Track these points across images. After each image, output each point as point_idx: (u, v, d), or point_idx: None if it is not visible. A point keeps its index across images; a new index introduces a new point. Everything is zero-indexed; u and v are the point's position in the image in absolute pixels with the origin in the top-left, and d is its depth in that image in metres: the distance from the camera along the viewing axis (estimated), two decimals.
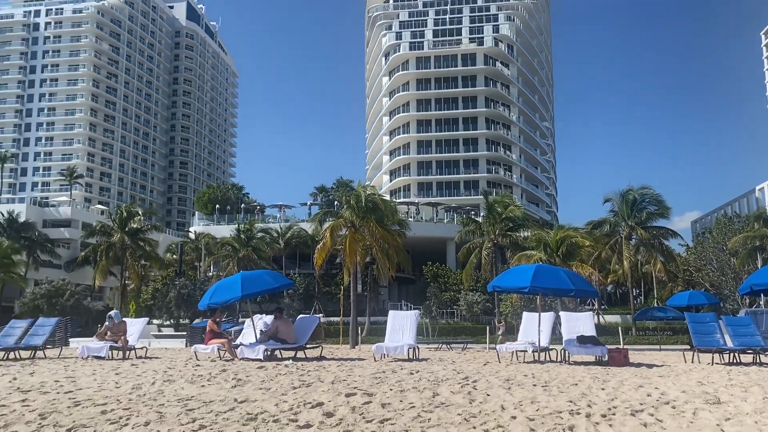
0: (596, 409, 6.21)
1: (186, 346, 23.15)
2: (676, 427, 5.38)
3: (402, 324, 13.86)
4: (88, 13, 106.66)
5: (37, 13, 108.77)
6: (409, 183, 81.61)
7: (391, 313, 14.94)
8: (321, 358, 13.73)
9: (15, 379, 9.13)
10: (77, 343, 19.32)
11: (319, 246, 27.31)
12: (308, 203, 67.15)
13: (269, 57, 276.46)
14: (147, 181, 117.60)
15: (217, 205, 66.42)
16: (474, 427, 5.29)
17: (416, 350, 13.93)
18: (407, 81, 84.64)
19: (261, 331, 13.34)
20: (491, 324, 31.81)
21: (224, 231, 53.84)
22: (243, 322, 21.13)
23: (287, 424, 5.38)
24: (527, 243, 41.60)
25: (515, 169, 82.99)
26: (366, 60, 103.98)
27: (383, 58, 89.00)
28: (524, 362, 13.11)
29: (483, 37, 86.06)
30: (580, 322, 14.04)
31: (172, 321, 44.04)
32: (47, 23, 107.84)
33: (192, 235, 58.50)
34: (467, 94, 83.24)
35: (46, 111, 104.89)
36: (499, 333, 26.01)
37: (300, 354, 13.63)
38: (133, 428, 5.23)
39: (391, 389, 7.64)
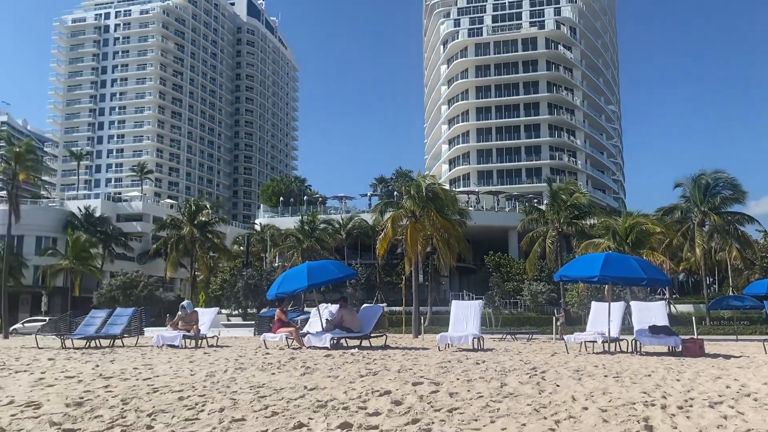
0: (672, 400, 6.01)
1: (254, 334, 23.76)
2: (760, 420, 5.14)
3: (465, 314, 13.78)
4: (154, 13, 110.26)
5: (107, 16, 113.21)
6: (469, 172, 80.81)
7: (454, 302, 14.88)
8: (385, 347, 13.82)
9: (97, 366, 9.61)
10: (151, 332, 20.19)
11: (380, 236, 27.45)
12: (368, 194, 67.54)
13: (328, 50, 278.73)
14: (213, 175, 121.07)
15: (281, 198, 67.70)
16: (545, 418, 5.22)
17: (481, 340, 13.83)
18: (466, 68, 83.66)
19: (327, 320, 13.55)
20: (563, 315, 31.23)
21: (288, 223, 54.84)
22: (308, 311, 21.52)
23: (356, 412, 5.45)
24: (594, 231, 40.54)
25: (579, 154, 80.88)
26: (424, 49, 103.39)
27: (441, 46, 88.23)
28: (593, 353, 12.82)
29: (544, 21, 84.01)
30: (651, 312, 13.61)
31: (240, 310, 45.27)
32: (116, 25, 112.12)
33: (257, 227, 59.89)
34: (528, 79, 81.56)
35: (117, 110, 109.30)
36: (558, 324, 25.58)
37: (365, 343, 13.77)
38: (209, 414, 5.41)
39: (457, 379, 7.62)
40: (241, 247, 55.97)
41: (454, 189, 64.17)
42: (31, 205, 60.43)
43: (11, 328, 41.07)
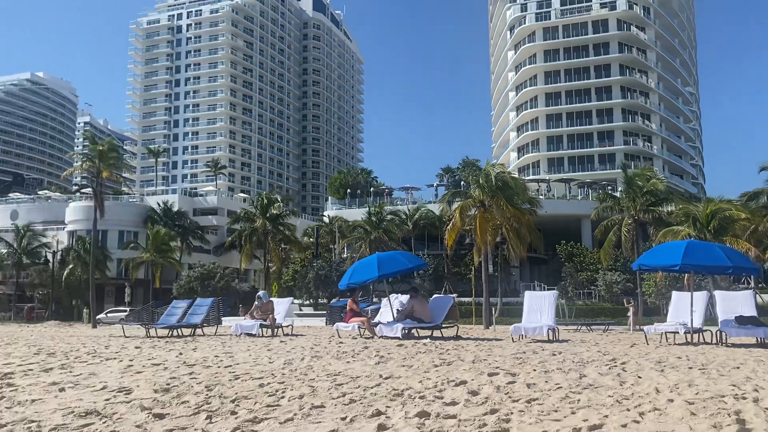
0: (764, 393, 5.71)
1: (326, 324, 24.17)
2: None
3: (540, 304, 13.55)
4: (223, 12, 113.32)
5: (179, 17, 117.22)
6: (539, 159, 79.14)
7: (527, 293, 14.66)
8: (457, 337, 13.77)
9: (181, 354, 10.02)
10: (228, 322, 20.87)
11: (448, 227, 27.29)
12: (435, 184, 67.29)
13: (392, 40, 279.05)
14: (283, 169, 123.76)
15: (348, 190, 68.45)
16: (628, 410, 5.06)
17: (555, 331, 13.57)
18: (534, 53, 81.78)
19: (397, 310, 13.62)
20: (634, 305, 30.25)
21: (355, 214, 55.37)
22: (378, 302, 21.73)
23: (433, 401, 5.45)
24: (672, 218, 38.90)
25: (655, 139, 77.76)
26: (490, 36, 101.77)
27: (508, 32, 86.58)
28: (675, 344, 12.35)
29: (615, 1, 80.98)
30: (738, 302, 12.97)
31: (311, 300, 46.18)
32: (188, 25, 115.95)
33: (326, 219, 60.81)
34: (599, 62, 78.91)
35: (191, 108, 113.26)
36: (629, 314, 24.81)
37: (436, 333, 13.76)
38: (289, 401, 5.54)
39: (534, 370, 7.51)
40: (311, 239, 57.01)
41: (523, 177, 63.08)
42: (114, 201, 63.53)
43: (88, 318, 43.38)
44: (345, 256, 51.11)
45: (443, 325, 13.67)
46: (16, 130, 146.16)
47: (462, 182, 53.03)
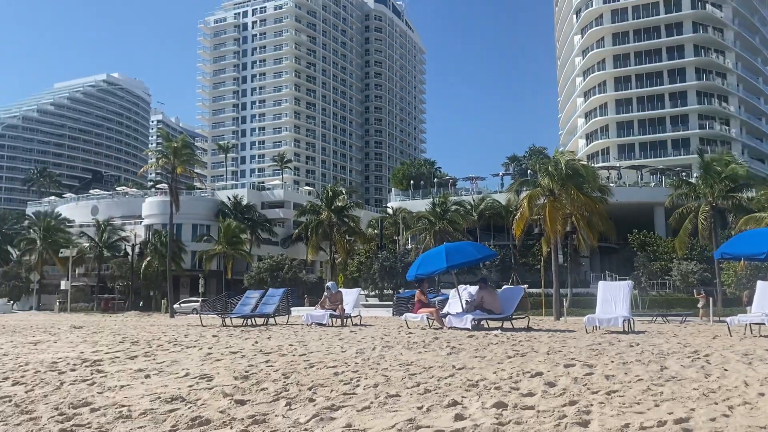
0: None
1: (393, 314, 24.29)
2: None
3: (614, 295, 13.16)
4: (287, 8, 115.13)
5: (245, 14, 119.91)
6: (608, 146, 76.73)
7: (601, 283, 14.27)
8: (528, 328, 13.58)
9: (256, 342, 10.30)
10: (296, 312, 21.31)
11: (516, 216, 26.85)
12: (500, 174, 66.43)
13: (454, 29, 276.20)
14: (346, 162, 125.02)
15: (412, 181, 68.45)
16: (715, 403, 4.86)
17: (631, 322, 13.17)
18: (602, 37, 79.15)
19: (466, 301, 13.53)
20: (713, 295, 29.00)
21: (419, 205, 55.34)
22: (444, 293, 21.64)
23: (509, 392, 5.39)
24: (754, 204, 37.00)
25: (733, 122, 73.96)
26: (555, 21, 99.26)
27: (574, 16, 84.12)
28: (761, 336, 11.76)
29: None
30: None
31: (376, 291, 46.54)
32: (253, 22, 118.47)
33: (390, 211, 61.05)
34: (672, 43, 75.58)
35: (257, 103, 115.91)
36: (700, 306, 23.78)
37: (506, 324, 13.61)
38: (364, 389, 5.60)
39: (612, 361, 7.31)
40: (375, 231, 57.43)
41: (592, 164, 61.39)
42: (187, 195, 65.81)
43: (166, 308, 45.15)
44: (409, 247, 51.20)
45: (514, 317, 13.49)
46: (95, 130, 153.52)
47: (529, 171, 52.11)
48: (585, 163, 39.02)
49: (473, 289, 14.13)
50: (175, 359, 8.13)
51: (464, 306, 13.47)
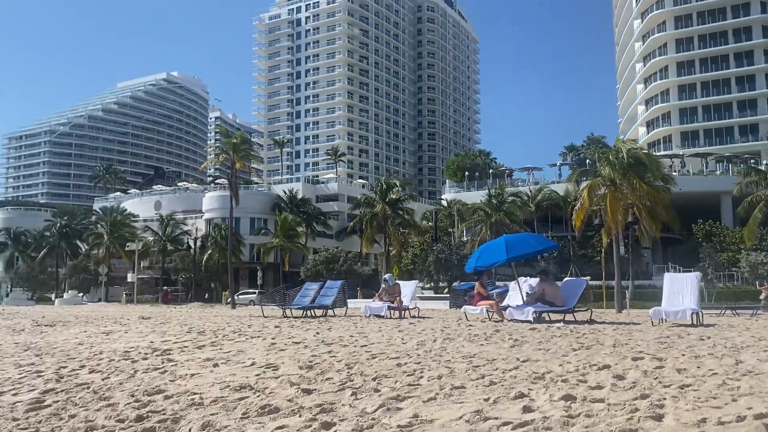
0: None
1: (450, 307, 24.21)
2: None
3: (681, 287, 12.71)
4: (340, 2, 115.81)
5: (299, 10, 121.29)
6: (670, 133, 74.15)
7: (667, 275, 13.82)
8: (591, 321, 13.28)
9: (318, 333, 10.44)
10: (352, 304, 21.48)
11: (576, 207, 26.25)
12: (557, 164, 65.29)
13: (507, 17, 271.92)
14: (399, 154, 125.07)
15: (466, 172, 67.94)
16: None
17: (700, 315, 12.71)
18: (663, 20, 76.40)
19: (527, 293, 13.35)
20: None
21: (474, 197, 54.88)
22: (500, 285, 21.39)
23: (577, 385, 5.29)
24: None
25: None
26: (613, 5, 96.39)
27: (633, 0, 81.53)
28: None
29: None
30: None
31: (431, 284, 46.48)
32: (307, 17, 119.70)
33: (444, 203, 60.76)
34: (738, 25, 72.28)
35: (311, 98, 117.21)
36: (762, 297, 22.75)
37: (568, 317, 13.36)
38: (428, 380, 5.60)
39: (683, 354, 7.08)
40: (430, 223, 57.31)
41: (654, 153, 59.56)
42: (245, 190, 67.22)
43: (228, 300, 46.32)
44: (465, 239, 50.86)
45: (576, 309, 13.22)
46: (156, 127, 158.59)
47: (587, 160, 50.96)
48: (647, 151, 37.81)
49: (533, 281, 13.92)
50: (240, 349, 8.33)
51: (525, 298, 13.29)
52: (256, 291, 51.27)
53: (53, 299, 57.68)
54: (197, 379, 5.97)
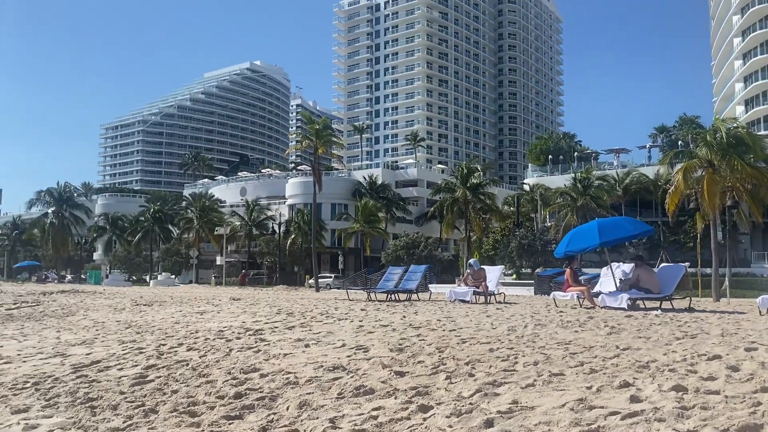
0: None
1: (535, 293, 23.68)
2: None
3: None
4: None
5: None
6: None
7: None
8: (690, 309, 12.58)
9: (404, 317, 10.41)
10: (434, 288, 21.37)
11: (670, 190, 24.87)
12: (647, 146, 62.41)
13: None
14: (479, 139, 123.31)
15: (549, 156, 66.12)
16: None
17: None
18: None
19: (620, 279, 12.77)
20: None
21: (558, 181, 53.40)
22: (585, 272, 20.63)
23: (686, 375, 4.97)
24: None
25: None
26: None
27: None
28: None
29: None
30: None
31: (513, 269, 45.67)
32: (385, 2, 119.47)
33: (526, 187, 59.45)
34: None
35: (390, 84, 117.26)
36: None
37: (665, 305, 12.70)
38: (524, 366, 5.42)
39: None
40: (511, 208, 56.25)
41: (755, 132, 55.80)
42: (326, 176, 68.24)
43: (311, 283, 47.25)
44: (548, 224, 49.61)
45: (674, 297, 12.53)
46: (241, 116, 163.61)
47: (680, 142, 48.37)
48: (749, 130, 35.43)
49: (627, 266, 13.28)
50: (329, 330, 8.40)
51: (618, 285, 12.72)
52: (333, 275, 52.11)
53: (148, 280, 60.85)
54: (290, 359, 6.05)
